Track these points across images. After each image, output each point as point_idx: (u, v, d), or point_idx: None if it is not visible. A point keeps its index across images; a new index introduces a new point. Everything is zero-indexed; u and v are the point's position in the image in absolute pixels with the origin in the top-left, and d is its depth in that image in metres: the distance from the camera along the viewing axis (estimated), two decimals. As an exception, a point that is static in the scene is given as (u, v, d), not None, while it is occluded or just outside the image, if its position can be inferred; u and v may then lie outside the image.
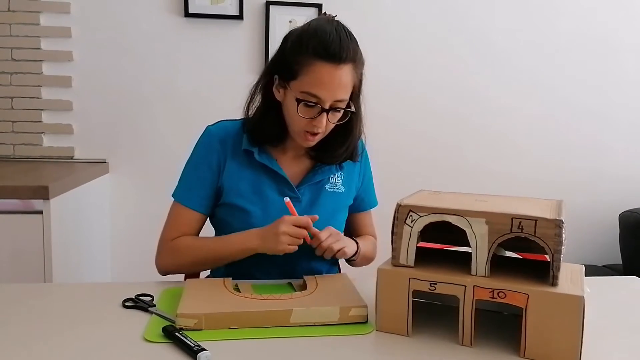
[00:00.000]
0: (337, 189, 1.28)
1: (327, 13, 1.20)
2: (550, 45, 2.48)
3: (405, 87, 2.41)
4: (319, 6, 2.27)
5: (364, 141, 1.34)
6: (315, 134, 1.15)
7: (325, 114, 1.12)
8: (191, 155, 1.27)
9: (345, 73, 1.10)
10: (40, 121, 2.22)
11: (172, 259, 1.21)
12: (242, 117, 1.25)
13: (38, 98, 2.21)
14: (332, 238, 1.15)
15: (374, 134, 1.39)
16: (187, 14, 2.24)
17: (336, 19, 1.18)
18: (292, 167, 1.25)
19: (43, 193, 1.64)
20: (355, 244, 1.24)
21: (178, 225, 1.23)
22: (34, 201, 1.65)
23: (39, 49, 2.19)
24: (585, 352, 0.80)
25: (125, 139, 2.28)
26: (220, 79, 2.20)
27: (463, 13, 2.41)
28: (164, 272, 1.23)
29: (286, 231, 1.09)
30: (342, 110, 1.15)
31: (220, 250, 1.17)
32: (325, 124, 1.14)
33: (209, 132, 1.26)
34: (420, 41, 2.40)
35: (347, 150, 1.24)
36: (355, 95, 1.19)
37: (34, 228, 1.65)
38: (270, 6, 2.25)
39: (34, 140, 2.23)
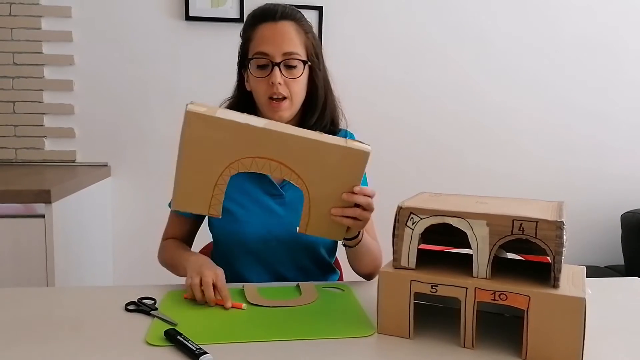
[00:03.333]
0: None
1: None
2: (550, 46, 2.48)
3: (405, 88, 2.41)
4: (319, 8, 2.28)
5: (353, 134, 1.35)
6: (279, 99, 1.18)
7: (277, 68, 1.17)
8: None
9: (285, 26, 1.18)
10: (42, 125, 2.23)
11: (160, 256, 1.32)
12: None
13: (40, 102, 2.22)
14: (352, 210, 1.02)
15: (375, 135, 1.40)
16: (188, 18, 2.24)
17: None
18: None
19: (45, 197, 1.64)
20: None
21: (169, 228, 1.35)
22: (36, 205, 1.65)
23: (41, 53, 2.19)
24: (587, 354, 0.80)
25: (127, 142, 2.29)
26: (222, 82, 2.20)
27: (464, 14, 2.42)
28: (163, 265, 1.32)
29: (196, 283, 1.03)
30: (297, 66, 1.19)
31: (178, 266, 1.21)
32: (284, 83, 1.17)
33: None
34: (421, 42, 2.41)
35: (321, 120, 1.26)
36: (312, 58, 1.23)
37: (36, 232, 1.65)
38: (271, 9, 2.26)
39: (36, 144, 2.23)
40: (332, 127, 1.30)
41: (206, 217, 1.32)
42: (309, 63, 1.22)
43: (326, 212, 1.00)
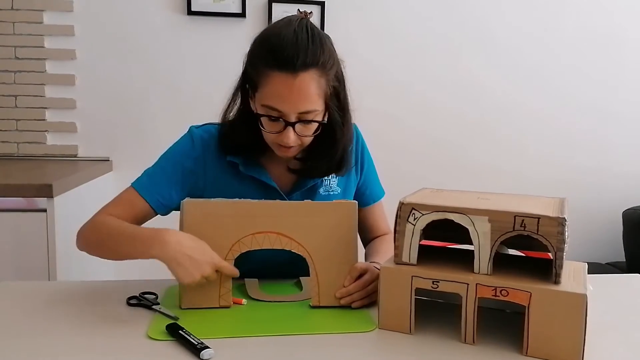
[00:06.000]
0: (332, 191, 1.21)
1: (302, 10, 1.14)
2: (554, 41, 2.47)
3: (408, 84, 2.41)
4: (321, 3, 2.27)
5: (361, 133, 1.28)
6: (288, 147, 1.06)
7: (291, 128, 1.02)
8: (167, 151, 1.18)
9: (305, 81, 0.99)
10: (43, 119, 2.23)
11: (90, 232, 1.11)
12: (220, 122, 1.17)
13: (41, 96, 2.22)
14: (363, 292, 1.00)
15: (376, 132, 1.39)
16: (190, 12, 2.24)
17: (307, 16, 1.08)
18: (282, 174, 1.18)
19: (47, 191, 1.64)
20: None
21: (120, 205, 1.13)
22: (37, 199, 1.65)
23: (42, 47, 2.19)
24: (588, 350, 0.80)
25: (129, 137, 2.29)
26: (223, 77, 2.21)
27: (467, 9, 2.41)
28: (80, 245, 1.15)
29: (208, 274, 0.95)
30: (314, 121, 1.04)
31: (124, 239, 1.02)
32: (296, 137, 1.04)
33: (192, 134, 1.18)
34: (424, 38, 2.40)
35: (329, 163, 1.14)
36: (332, 103, 1.07)
37: (38, 226, 1.66)
38: (273, 3, 2.25)
39: (38, 139, 2.23)
40: (335, 171, 1.17)
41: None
42: (326, 116, 1.08)
43: (334, 277, 1.01)
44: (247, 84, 1.09)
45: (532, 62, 2.47)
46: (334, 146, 1.13)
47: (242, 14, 2.25)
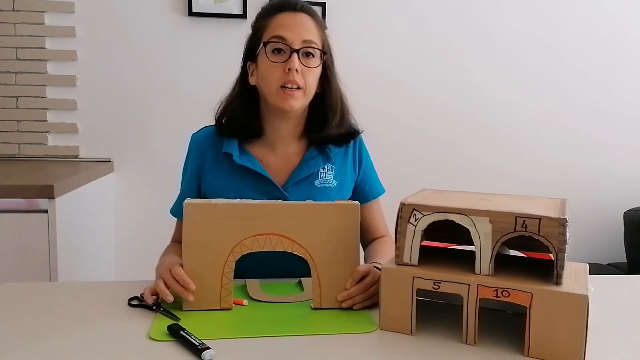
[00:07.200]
0: (328, 183, 1.24)
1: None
2: (554, 42, 2.47)
3: (407, 84, 2.41)
4: (322, 5, 2.27)
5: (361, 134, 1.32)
6: (292, 89, 1.13)
7: (296, 54, 1.13)
8: (183, 167, 1.31)
9: (306, 18, 1.17)
10: (45, 120, 2.23)
11: None
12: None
13: (43, 97, 2.22)
14: (364, 295, 1.01)
15: (377, 132, 1.40)
16: (191, 13, 2.24)
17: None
18: (278, 166, 1.23)
19: (48, 192, 1.65)
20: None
21: (175, 232, 1.31)
22: (39, 200, 1.66)
23: (44, 48, 2.19)
24: (590, 351, 0.80)
25: (130, 138, 2.29)
26: (224, 78, 2.21)
27: (467, 10, 2.41)
28: None
29: (164, 279, 1.00)
30: (315, 56, 1.16)
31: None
32: (300, 74, 1.13)
33: (191, 139, 1.29)
34: (423, 39, 2.40)
35: (339, 125, 1.22)
36: (327, 56, 1.20)
37: (39, 227, 1.66)
38: (274, 5, 2.25)
39: (39, 140, 2.24)
40: (342, 138, 1.26)
41: None
42: (326, 54, 1.20)
43: (335, 279, 1.01)
44: (248, 60, 1.21)
45: (533, 63, 2.47)
46: (333, 95, 1.22)
47: (243, 15, 2.25)
